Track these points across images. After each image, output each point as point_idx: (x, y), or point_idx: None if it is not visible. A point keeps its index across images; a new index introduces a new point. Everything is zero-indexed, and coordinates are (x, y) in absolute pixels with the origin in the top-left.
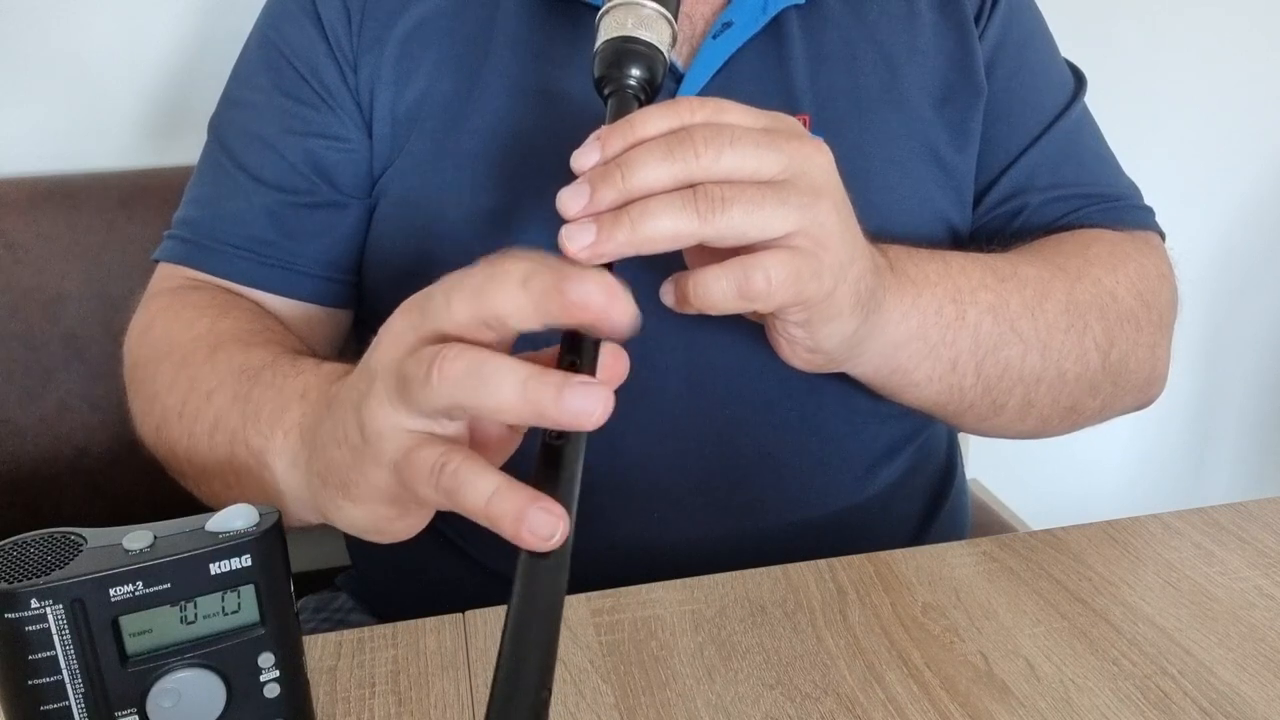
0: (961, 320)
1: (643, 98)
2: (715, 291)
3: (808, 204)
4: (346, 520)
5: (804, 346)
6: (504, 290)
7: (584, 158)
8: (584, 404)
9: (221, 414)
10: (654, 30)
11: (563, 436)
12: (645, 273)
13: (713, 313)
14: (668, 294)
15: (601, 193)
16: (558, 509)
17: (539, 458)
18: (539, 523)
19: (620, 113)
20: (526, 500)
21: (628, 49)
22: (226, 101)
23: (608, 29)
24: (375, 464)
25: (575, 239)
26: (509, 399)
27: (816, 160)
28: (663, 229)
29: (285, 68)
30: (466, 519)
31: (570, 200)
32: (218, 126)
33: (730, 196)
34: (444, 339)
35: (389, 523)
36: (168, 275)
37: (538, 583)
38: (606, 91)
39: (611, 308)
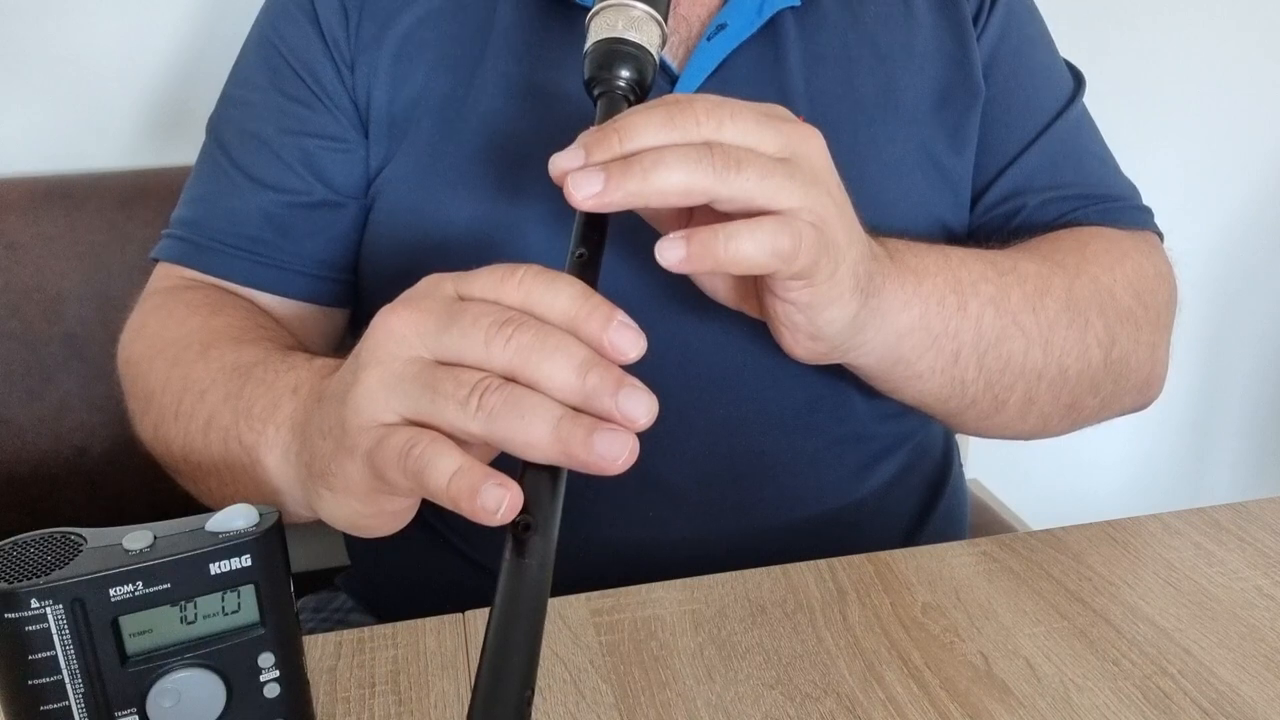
0: (963, 311)
1: (632, 99)
2: (748, 245)
3: (810, 183)
4: (327, 512)
5: (806, 334)
6: (559, 366)
7: (565, 160)
8: (611, 449)
9: (215, 412)
10: (643, 32)
11: None
12: (641, 271)
13: (731, 269)
14: (675, 248)
15: (596, 156)
16: (512, 485)
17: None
18: (490, 496)
19: (609, 114)
20: (482, 477)
21: (616, 50)
22: (225, 101)
23: (597, 30)
24: (350, 456)
25: (582, 186)
26: (540, 437)
27: (812, 144)
28: (675, 181)
29: (283, 67)
30: (467, 520)
31: (566, 160)
32: (216, 126)
33: (745, 160)
34: (458, 364)
35: (365, 519)
36: (165, 275)
37: (521, 582)
38: (596, 93)
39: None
